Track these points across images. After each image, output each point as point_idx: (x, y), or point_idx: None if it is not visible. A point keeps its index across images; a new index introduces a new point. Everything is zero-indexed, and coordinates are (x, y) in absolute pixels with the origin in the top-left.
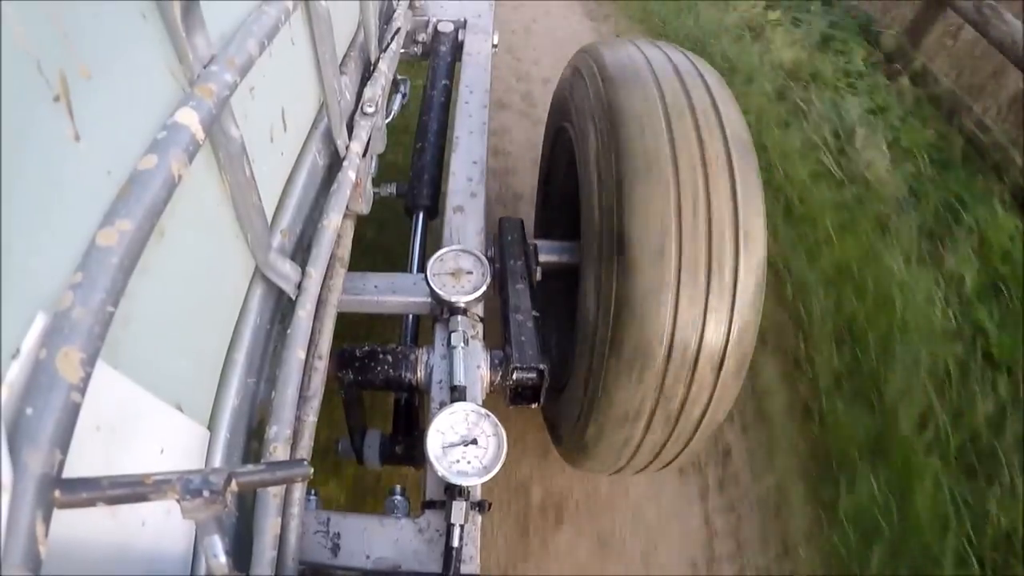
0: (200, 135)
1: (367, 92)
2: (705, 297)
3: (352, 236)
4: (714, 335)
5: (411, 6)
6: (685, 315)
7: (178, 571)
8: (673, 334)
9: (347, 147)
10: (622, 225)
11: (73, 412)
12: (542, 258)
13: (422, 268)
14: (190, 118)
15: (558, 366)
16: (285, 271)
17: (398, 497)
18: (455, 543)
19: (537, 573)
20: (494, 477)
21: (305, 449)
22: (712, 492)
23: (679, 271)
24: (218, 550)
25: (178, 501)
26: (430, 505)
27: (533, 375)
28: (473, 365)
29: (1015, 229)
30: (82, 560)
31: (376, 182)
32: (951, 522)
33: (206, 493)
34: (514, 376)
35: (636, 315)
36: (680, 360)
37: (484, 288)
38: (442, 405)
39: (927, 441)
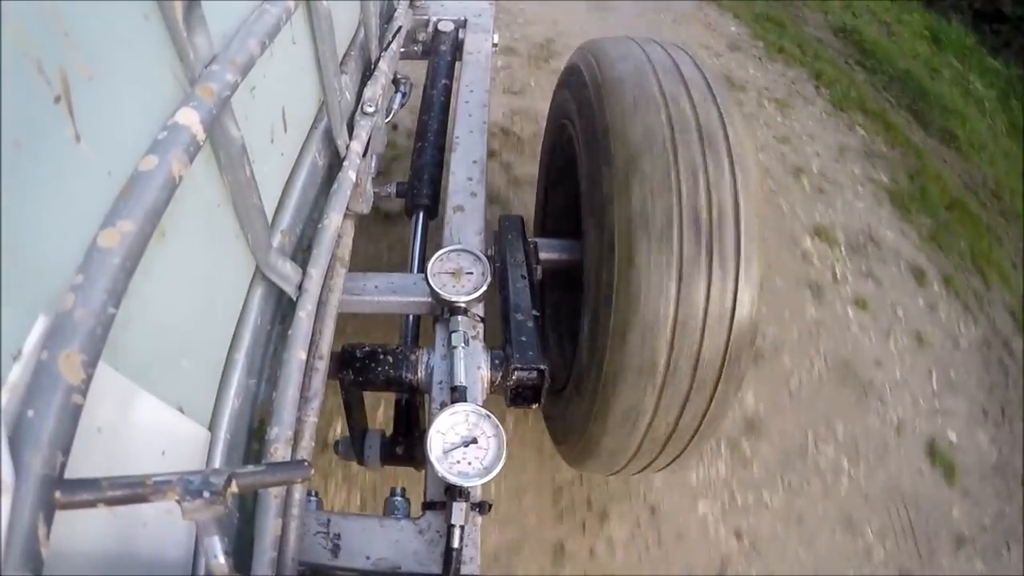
0: (201, 135)
1: (367, 91)
2: (707, 292)
3: (352, 236)
4: (716, 331)
5: (412, 5)
6: (687, 311)
7: (179, 572)
8: (675, 331)
9: (347, 147)
10: (622, 219)
11: (75, 413)
12: (543, 256)
13: (422, 268)
14: (191, 118)
15: (559, 366)
16: (286, 272)
17: (398, 498)
18: (455, 544)
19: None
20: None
21: (306, 450)
22: None
23: (681, 265)
24: (218, 551)
25: (179, 502)
26: (430, 506)
27: (534, 375)
28: (473, 365)
29: None
30: (83, 561)
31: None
32: None
33: (206, 494)
34: (514, 376)
35: (638, 311)
36: (683, 355)
37: (484, 288)
38: (443, 406)
39: None
